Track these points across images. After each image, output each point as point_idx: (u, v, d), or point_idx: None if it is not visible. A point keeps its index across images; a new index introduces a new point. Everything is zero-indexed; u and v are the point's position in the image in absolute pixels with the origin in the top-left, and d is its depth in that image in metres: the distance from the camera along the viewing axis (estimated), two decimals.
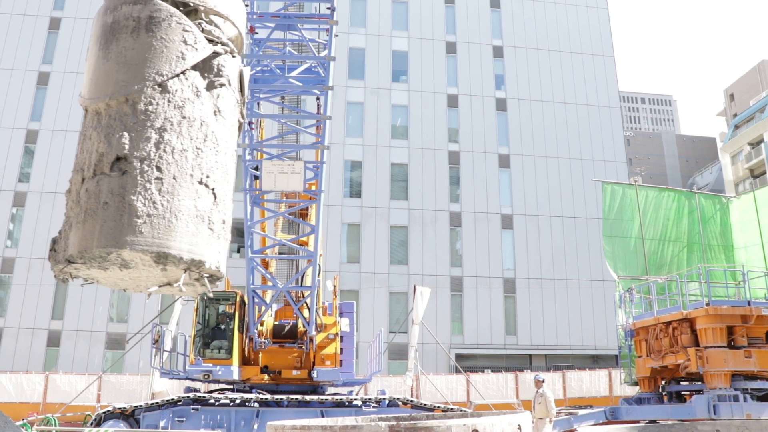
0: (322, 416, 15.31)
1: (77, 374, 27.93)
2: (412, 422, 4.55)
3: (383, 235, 38.32)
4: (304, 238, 17.70)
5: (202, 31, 5.28)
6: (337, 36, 15.95)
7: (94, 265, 4.93)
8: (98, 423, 15.30)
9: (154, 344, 16.48)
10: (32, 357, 35.10)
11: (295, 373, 16.00)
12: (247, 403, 15.27)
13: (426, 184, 39.27)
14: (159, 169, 4.97)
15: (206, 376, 15.59)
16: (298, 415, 15.18)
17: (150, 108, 5.03)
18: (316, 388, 16.71)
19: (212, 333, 16.48)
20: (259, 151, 16.55)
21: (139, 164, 4.94)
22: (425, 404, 16.53)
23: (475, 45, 42.29)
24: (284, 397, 15.33)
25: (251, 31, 15.22)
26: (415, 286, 24.04)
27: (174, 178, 5.00)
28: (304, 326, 16.23)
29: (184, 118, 5.09)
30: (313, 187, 16.27)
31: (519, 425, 4.60)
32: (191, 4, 5.40)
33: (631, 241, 23.13)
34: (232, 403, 15.24)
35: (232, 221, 5.55)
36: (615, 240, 23.02)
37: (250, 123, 16.28)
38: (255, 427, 14.96)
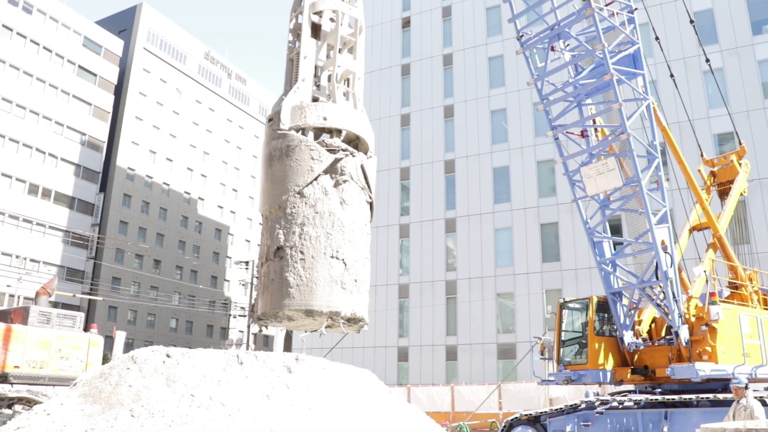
0: None
1: (477, 384, 30.01)
2: None
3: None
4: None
5: (325, 145, 7.83)
6: (637, 9, 15.73)
7: (272, 320, 7.57)
8: (509, 429, 16.25)
9: (540, 355, 17.29)
10: (435, 370, 38.71)
11: (667, 371, 15.03)
12: (652, 405, 14.74)
13: None
14: (302, 252, 7.39)
15: (566, 382, 15.92)
16: (709, 416, 14.15)
17: (294, 210, 7.50)
18: (726, 385, 15.40)
19: (572, 339, 16.80)
20: (589, 156, 16.14)
21: (289, 251, 7.43)
22: None
23: None
24: (693, 396, 14.43)
25: (552, 49, 16.07)
26: None
27: (312, 257, 7.39)
28: (666, 321, 15.28)
29: (316, 213, 7.51)
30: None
31: None
32: (318, 126, 7.89)
33: None
34: (636, 406, 14.86)
35: (367, 275, 8.22)
36: None
37: (582, 132, 16.44)
38: (665, 429, 14.33)
